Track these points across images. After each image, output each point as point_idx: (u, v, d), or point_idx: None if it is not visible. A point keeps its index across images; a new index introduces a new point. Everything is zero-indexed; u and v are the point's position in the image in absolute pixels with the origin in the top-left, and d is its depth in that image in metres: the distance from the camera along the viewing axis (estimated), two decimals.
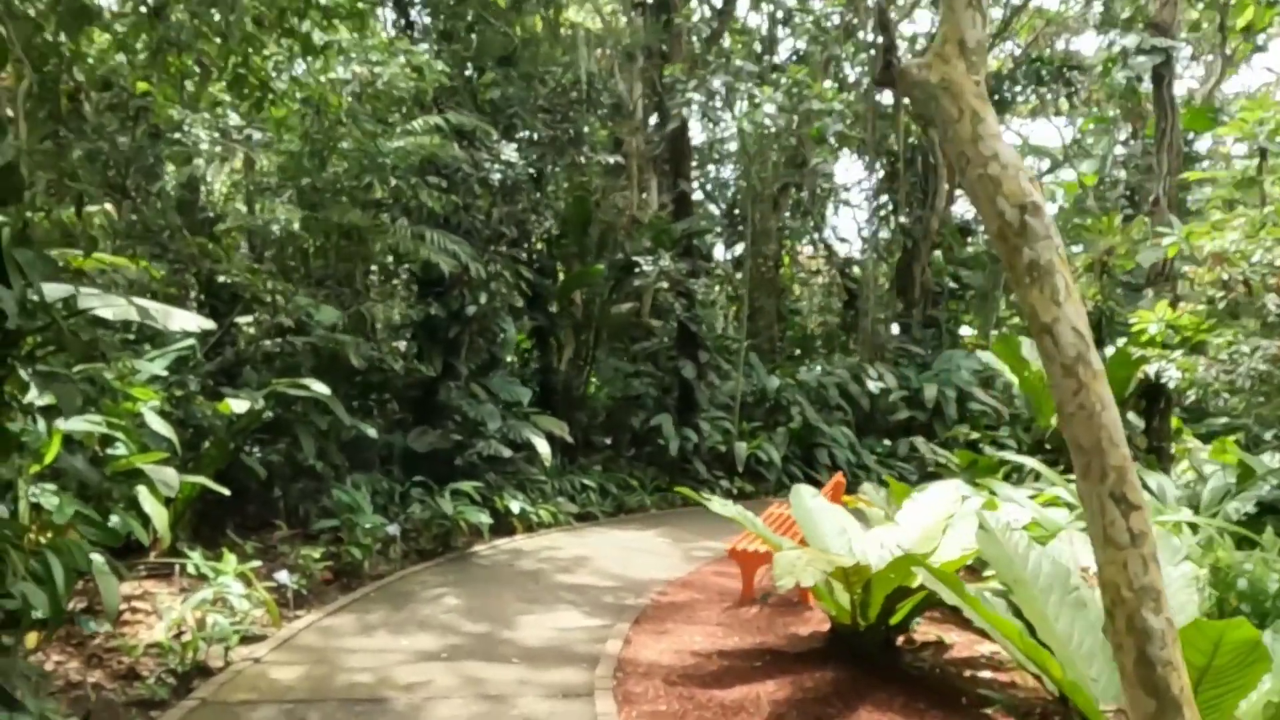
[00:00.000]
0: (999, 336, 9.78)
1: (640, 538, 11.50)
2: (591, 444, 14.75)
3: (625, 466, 14.78)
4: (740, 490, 15.21)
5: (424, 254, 9.57)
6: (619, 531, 11.88)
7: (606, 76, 13.46)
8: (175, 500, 7.84)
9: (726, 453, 15.32)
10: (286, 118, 9.08)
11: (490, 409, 11.70)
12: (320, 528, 9.15)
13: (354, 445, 10.85)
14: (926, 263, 21.46)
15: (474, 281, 11.45)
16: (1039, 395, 9.75)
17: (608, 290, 13.74)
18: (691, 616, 7.75)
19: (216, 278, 9.59)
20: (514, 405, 12.44)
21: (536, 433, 11.91)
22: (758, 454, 15.61)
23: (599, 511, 12.72)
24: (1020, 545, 5.04)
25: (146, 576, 7.57)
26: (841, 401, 17.96)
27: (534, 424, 12.23)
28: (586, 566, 9.70)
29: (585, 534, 11.65)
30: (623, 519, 12.92)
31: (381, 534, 9.17)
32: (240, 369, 9.50)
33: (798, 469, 16.02)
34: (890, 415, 18.11)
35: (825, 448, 16.35)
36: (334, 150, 9.68)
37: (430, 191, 9.72)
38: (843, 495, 9.44)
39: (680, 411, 15.27)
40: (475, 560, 9.88)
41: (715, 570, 9.70)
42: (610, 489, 13.32)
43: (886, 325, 20.35)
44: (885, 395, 18.14)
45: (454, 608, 7.82)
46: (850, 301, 20.92)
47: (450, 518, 9.92)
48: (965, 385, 17.93)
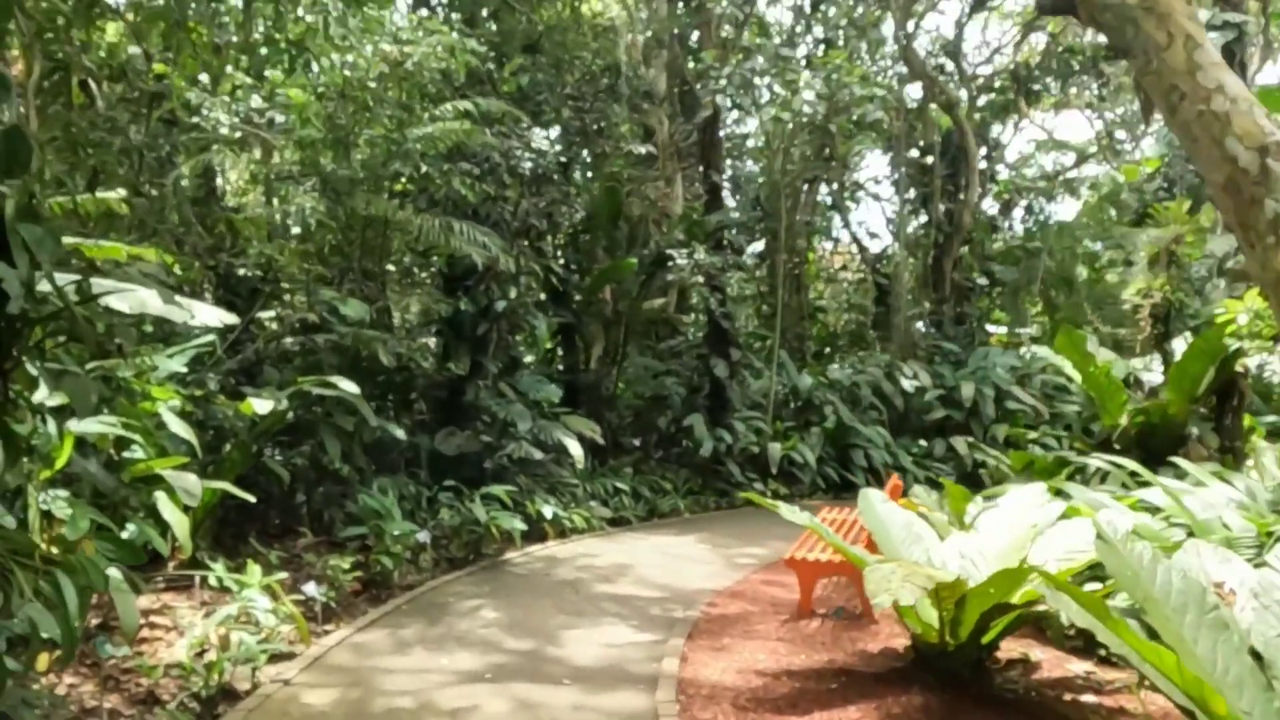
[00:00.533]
0: (1062, 330, 9.19)
1: (678, 543, 10.97)
2: (620, 445, 14.23)
3: (655, 469, 14.25)
4: (774, 493, 14.62)
5: (454, 244, 9.04)
6: (655, 537, 11.34)
7: (635, 64, 12.93)
8: (195, 508, 7.34)
9: (759, 454, 14.77)
10: (308, 105, 8.56)
11: (520, 409, 11.18)
12: (347, 535, 8.65)
13: (379, 448, 10.37)
14: (957, 257, 20.86)
15: (503, 275, 10.95)
16: (1105, 392, 9.20)
17: (638, 285, 13.21)
18: (749, 631, 7.20)
19: (236, 270, 9.10)
20: (544, 405, 11.92)
21: (568, 434, 11.39)
22: (791, 455, 15.05)
23: (632, 516, 12.19)
24: (1145, 558, 4.47)
25: (165, 589, 7.07)
26: (875, 400, 17.37)
27: (564, 425, 11.70)
28: (627, 575, 9.17)
29: (620, 540, 11.12)
30: (657, 524, 12.38)
31: (411, 542, 8.66)
32: (261, 367, 9.00)
33: (833, 470, 15.47)
34: (925, 415, 17.50)
35: (861, 448, 15.77)
36: (358, 137, 9.17)
37: (463, 178, 9.21)
38: (900, 499, 8.88)
39: (711, 411, 14.72)
40: (509, 569, 9.36)
41: (764, 579, 9.16)
42: (643, 492, 12.79)
43: (917, 322, 19.75)
44: (920, 394, 17.54)
45: (493, 621, 7.30)
46: (881, 297, 20.34)
47: (483, 524, 9.39)
48: (1003, 384, 17.33)
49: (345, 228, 9.56)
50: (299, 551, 8.60)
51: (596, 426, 12.11)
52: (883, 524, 6.51)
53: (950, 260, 20.78)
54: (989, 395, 16.96)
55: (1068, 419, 17.35)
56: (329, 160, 9.28)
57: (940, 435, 17.22)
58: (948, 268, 20.80)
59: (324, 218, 8.52)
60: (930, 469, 16.29)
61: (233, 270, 9.41)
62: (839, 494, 15.45)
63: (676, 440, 15.39)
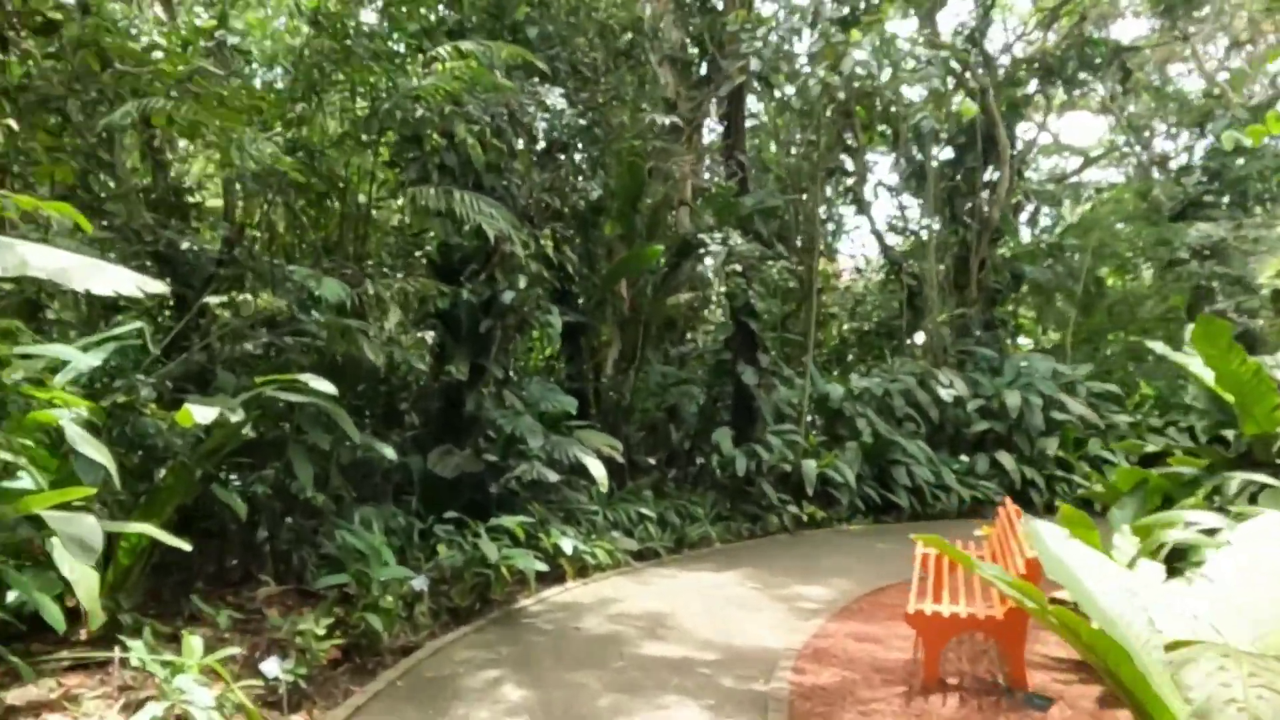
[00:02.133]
0: (1200, 319, 7.52)
1: (719, 582, 9.15)
2: (636, 464, 12.40)
3: (677, 490, 12.44)
4: (811, 517, 12.89)
5: (458, 212, 7.20)
6: (690, 574, 9.52)
7: (657, 21, 11.20)
8: (116, 556, 5.44)
9: (792, 472, 12.99)
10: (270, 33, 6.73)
11: (530, 422, 9.34)
12: (322, 585, 6.75)
13: (361, 470, 8.51)
14: (983, 257, 19.28)
15: (510, 261, 9.13)
16: (1251, 394, 7.60)
17: (661, 277, 11.43)
18: (866, 713, 5.40)
19: (185, 249, 7.23)
20: (556, 418, 10.09)
21: (587, 452, 9.55)
22: (827, 473, 13.29)
23: (660, 547, 10.36)
24: None
25: (70, 668, 5.16)
26: (910, 411, 15.69)
27: (580, 441, 9.87)
28: (673, 628, 7.33)
29: (650, 578, 9.28)
30: (688, 556, 10.56)
31: (404, 590, 6.80)
32: (214, 371, 7.11)
33: (872, 490, 13.71)
34: (965, 427, 15.84)
35: (903, 465, 14.05)
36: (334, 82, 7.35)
37: (469, 128, 7.39)
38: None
39: (739, 425, 12.95)
40: (526, 621, 7.50)
41: (847, 631, 7.36)
42: (669, 519, 10.96)
43: (947, 326, 18.10)
44: (958, 404, 15.88)
45: (521, 705, 5.44)
46: (910, 299, 18.71)
47: (492, 564, 7.53)
48: (1050, 392, 15.71)
49: (319, 196, 7.71)
50: (259, 605, 6.71)
51: (617, 443, 10.28)
52: (1070, 571, 4.73)
53: (977, 260, 19.20)
54: (1037, 405, 15.33)
55: (1120, 430, 15.77)
56: (300, 113, 7.44)
57: (981, 449, 15.57)
58: (974, 268, 19.22)
59: (293, 170, 6.65)
60: (976, 488, 14.61)
61: (179, 250, 7.52)
62: (879, 517, 13.73)
63: (692, 458, 13.61)
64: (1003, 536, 6.99)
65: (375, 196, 8.17)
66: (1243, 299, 16.03)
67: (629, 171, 10.42)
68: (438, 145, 8.65)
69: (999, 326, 19.91)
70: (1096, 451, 15.28)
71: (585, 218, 11.04)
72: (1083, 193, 26.80)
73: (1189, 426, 15.62)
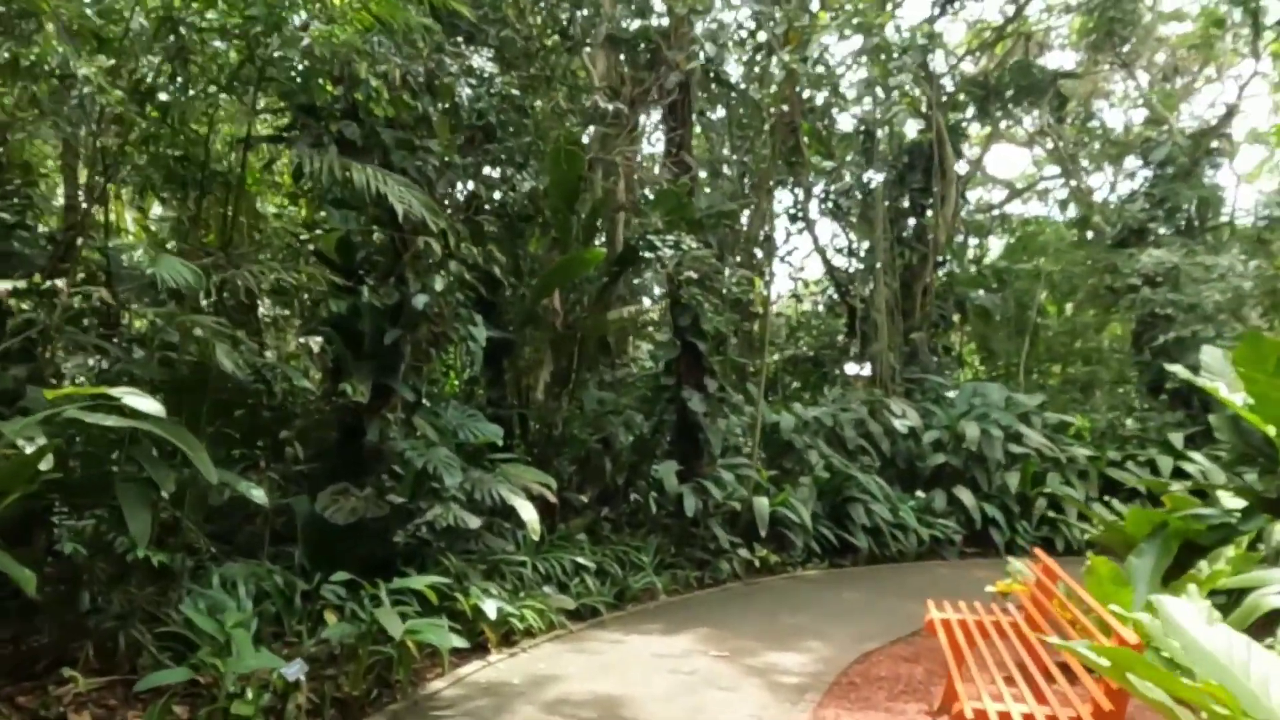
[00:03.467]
0: (1249, 336, 6.42)
1: (677, 649, 7.57)
2: (568, 503, 10.76)
3: (614, 533, 10.85)
4: (763, 561, 11.45)
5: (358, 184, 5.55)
6: (639, 638, 7.92)
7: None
8: None
9: (742, 511, 11.54)
10: None
11: (445, 455, 7.65)
12: (148, 686, 4.93)
13: (225, 515, 6.70)
14: (929, 281, 18.37)
15: (424, 259, 7.49)
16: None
17: (600, 287, 9.89)
18: None
19: None
20: (478, 450, 8.44)
21: (515, 491, 7.91)
22: (780, 512, 11.88)
23: (600, 604, 8.73)
24: None
25: None
26: (863, 443, 14.48)
27: (507, 477, 8.22)
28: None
29: (593, 645, 7.65)
30: (632, 613, 8.96)
31: (275, 682, 5.05)
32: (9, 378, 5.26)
33: (828, 530, 12.36)
34: (920, 461, 14.70)
35: (860, 502, 12.74)
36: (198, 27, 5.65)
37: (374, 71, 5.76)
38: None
39: (683, 457, 11.45)
40: (436, 713, 5.79)
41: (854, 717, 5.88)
42: (609, 568, 9.35)
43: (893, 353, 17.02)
44: (911, 436, 14.74)
45: None
46: (853, 324, 17.61)
47: (394, 641, 5.81)
48: (1009, 424, 14.70)
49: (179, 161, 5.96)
50: (64, 710, 4.86)
51: (550, 480, 8.66)
52: (1224, 668, 3.34)
53: (921, 284, 18.29)
54: (997, 437, 14.28)
55: (1080, 464, 14.84)
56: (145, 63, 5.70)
57: (937, 484, 14.43)
58: (919, 293, 18.30)
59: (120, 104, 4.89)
60: (934, 527, 13.41)
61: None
62: (835, 560, 12.38)
63: (627, 494, 12.04)
64: (1041, 597, 5.63)
65: (254, 173, 6.43)
66: (1198, 328, 15.38)
67: (566, 162, 8.90)
68: (334, 114, 6.99)
69: (945, 354, 19.02)
70: (1055, 487, 14.29)
71: (514, 214, 9.46)
72: (1010, 224, 26.53)
73: (1148, 460, 14.82)
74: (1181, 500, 8.42)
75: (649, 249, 8.92)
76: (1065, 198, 26.40)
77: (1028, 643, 5.27)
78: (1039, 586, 5.72)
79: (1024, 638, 5.37)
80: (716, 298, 10.30)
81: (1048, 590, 5.61)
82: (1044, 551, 6.32)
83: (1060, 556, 14.04)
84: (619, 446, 11.83)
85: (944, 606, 6.08)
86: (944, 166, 17.75)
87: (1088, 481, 14.65)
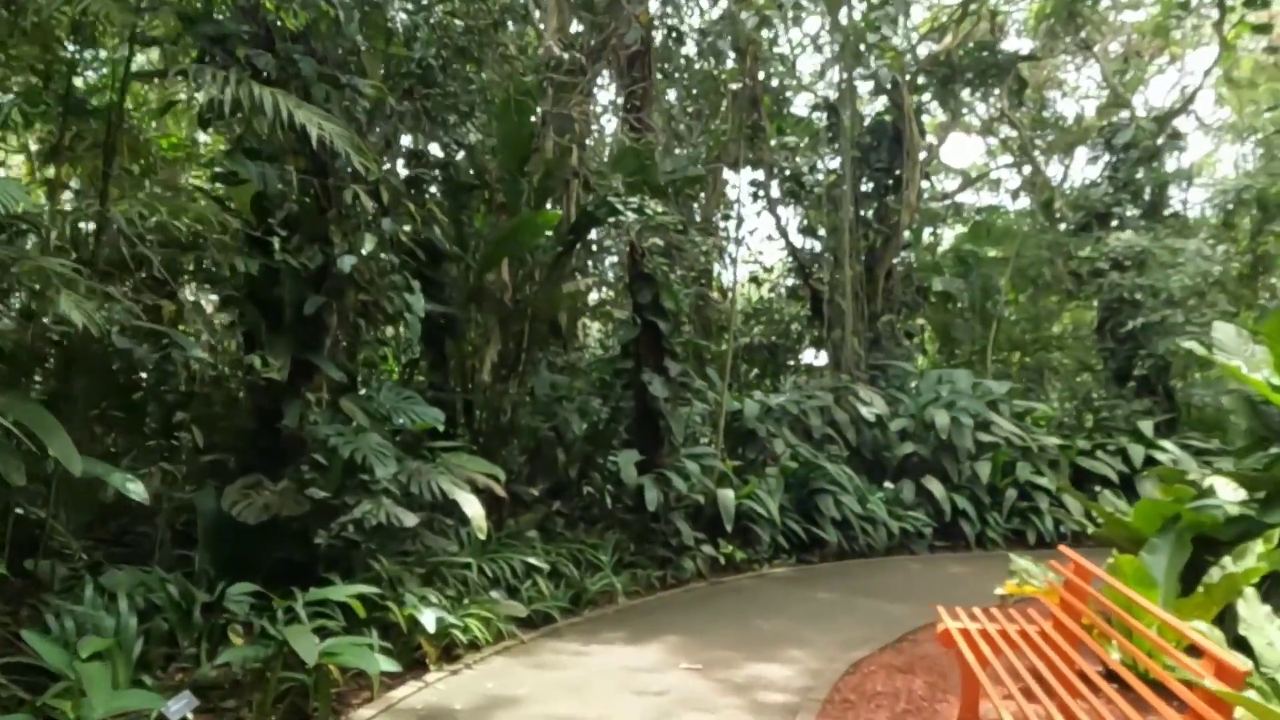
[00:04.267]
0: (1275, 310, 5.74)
1: (645, 663, 6.67)
2: (518, 496, 9.79)
3: (568, 529, 9.92)
4: (729, 558, 10.63)
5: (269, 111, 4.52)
6: (602, 649, 7.00)
7: None
8: None
9: (706, 504, 10.69)
10: None
11: (377, 443, 6.63)
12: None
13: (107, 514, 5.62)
14: (891, 266, 17.72)
15: (351, 216, 6.46)
16: None
17: (554, 258, 8.92)
18: None
19: None
20: (417, 438, 7.44)
21: (458, 484, 6.92)
22: (747, 505, 11.06)
23: (554, 608, 7.79)
24: None
25: None
26: (830, 432, 13.74)
27: (449, 469, 7.22)
28: None
29: (549, 658, 6.71)
30: (591, 619, 8.03)
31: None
32: None
33: (796, 524, 11.57)
34: (887, 450, 14.02)
35: (829, 494, 11.97)
36: None
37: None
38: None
39: (643, 447, 10.55)
40: None
41: None
42: (564, 569, 8.41)
43: (858, 339, 16.29)
44: (880, 424, 14.06)
45: None
46: (816, 309, 16.85)
47: (308, 668, 4.81)
48: (979, 411, 14.08)
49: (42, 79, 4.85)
50: None
51: (499, 471, 7.69)
52: None
53: (884, 268, 17.63)
54: (967, 426, 13.64)
55: (1050, 453, 14.30)
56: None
57: (904, 475, 13.76)
58: (881, 275, 17.63)
59: None
60: (904, 519, 12.71)
61: None
62: (803, 556, 11.61)
63: (579, 487, 11.11)
64: (1075, 600, 4.85)
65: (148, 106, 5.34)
66: (1168, 313, 14.95)
67: (516, 113, 7.90)
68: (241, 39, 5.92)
69: (908, 340, 18.40)
70: (1027, 476, 13.73)
71: (457, 178, 8.43)
72: (963, 214, 26.13)
73: (1119, 449, 14.34)
74: (1184, 491, 7.78)
75: (610, 213, 7.97)
76: (1018, 186, 26.23)
77: (1064, 655, 4.49)
78: (1070, 589, 4.94)
79: (1058, 648, 4.58)
80: (683, 270, 9.38)
81: (1080, 592, 4.83)
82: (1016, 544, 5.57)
83: (1032, 550, 13.53)
84: (573, 435, 10.88)
85: (957, 614, 5.27)
86: (909, 146, 17.08)
87: (1058, 471, 14.12)
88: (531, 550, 8.29)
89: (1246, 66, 23.73)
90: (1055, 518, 13.39)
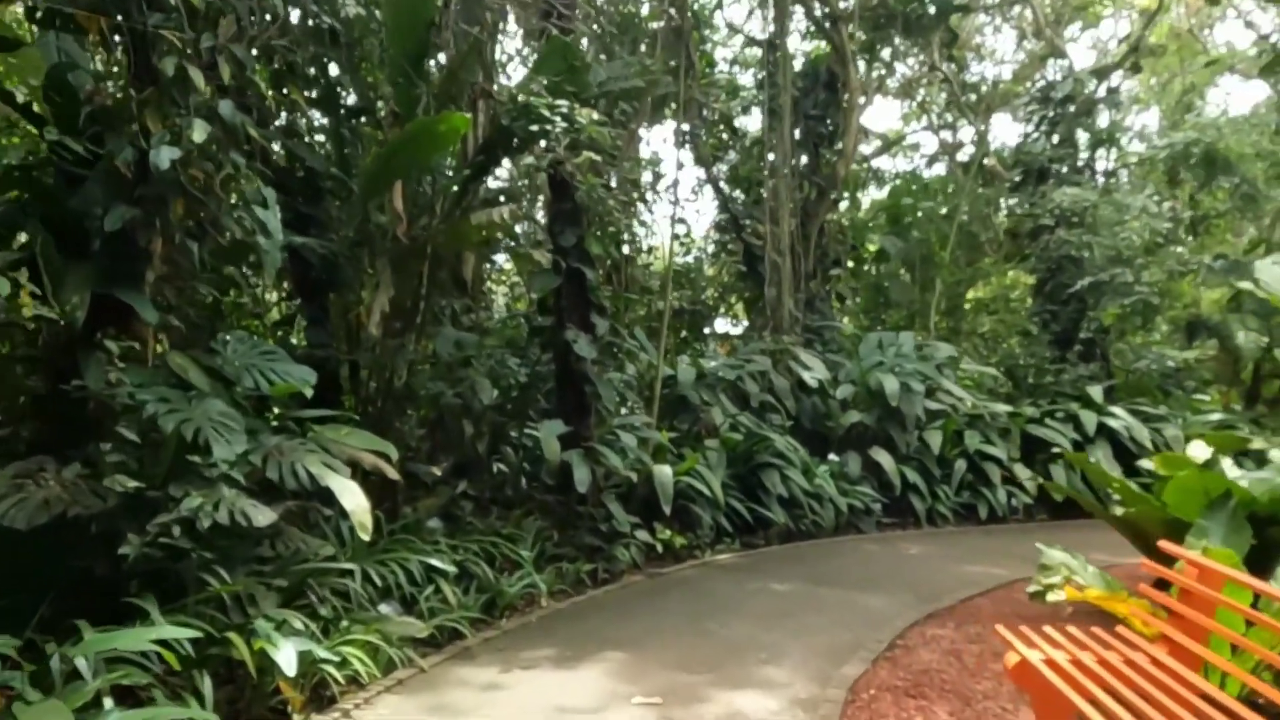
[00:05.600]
0: None
1: (581, 695, 5.10)
2: (415, 477, 8.05)
3: (478, 515, 8.26)
4: (667, 545, 9.15)
5: None
6: (526, 676, 5.39)
7: None
8: None
9: (639, 483, 9.16)
10: None
11: (219, 410, 4.83)
12: None
13: None
14: (825, 222, 16.47)
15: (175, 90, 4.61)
16: None
17: (462, 181, 7.13)
18: None
19: None
20: (277, 403, 5.65)
21: (335, 466, 5.18)
22: (686, 481, 9.59)
23: (463, 620, 6.12)
24: None
25: None
26: (769, 399, 12.39)
27: (323, 447, 5.46)
28: None
29: (454, 695, 5.06)
30: (509, 632, 6.39)
31: None
32: None
33: (739, 504, 10.16)
34: (829, 419, 12.77)
35: (775, 469, 10.59)
36: None
37: None
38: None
39: (567, 416, 8.93)
40: None
41: None
42: (474, 568, 6.75)
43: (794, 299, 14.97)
44: (822, 391, 12.79)
45: None
46: (750, 265, 15.44)
47: None
48: (929, 377, 12.96)
49: None
50: None
51: (390, 448, 5.96)
52: None
53: (818, 224, 16.35)
54: (918, 393, 12.48)
55: (1001, 420, 13.29)
56: None
57: (849, 446, 12.53)
58: (814, 232, 16.35)
59: None
60: (851, 495, 11.48)
61: None
62: (748, 539, 10.23)
63: (490, 465, 9.44)
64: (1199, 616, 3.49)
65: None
66: (1117, 271, 14.09)
67: None
68: None
69: (839, 302, 17.25)
70: (977, 446, 12.69)
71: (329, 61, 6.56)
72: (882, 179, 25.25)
73: (1070, 416, 13.44)
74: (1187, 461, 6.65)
75: (535, 121, 6.27)
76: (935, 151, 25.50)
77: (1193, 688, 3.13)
78: (1188, 598, 3.58)
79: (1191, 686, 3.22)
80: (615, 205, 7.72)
81: (1207, 605, 3.49)
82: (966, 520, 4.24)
83: (983, 525, 12.55)
84: (481, 404, 9.12)
85: (1024, 635, 3.86)
86: (847, 90, 15.79)
87: (1009, 440, 13.14)
88: (433, 547, 6.60)
89: (1160, 34, 23.38)
90: (1007, 490, 12.43)
